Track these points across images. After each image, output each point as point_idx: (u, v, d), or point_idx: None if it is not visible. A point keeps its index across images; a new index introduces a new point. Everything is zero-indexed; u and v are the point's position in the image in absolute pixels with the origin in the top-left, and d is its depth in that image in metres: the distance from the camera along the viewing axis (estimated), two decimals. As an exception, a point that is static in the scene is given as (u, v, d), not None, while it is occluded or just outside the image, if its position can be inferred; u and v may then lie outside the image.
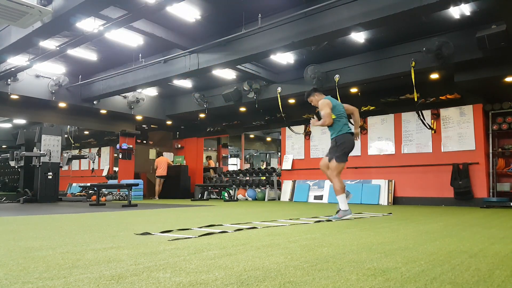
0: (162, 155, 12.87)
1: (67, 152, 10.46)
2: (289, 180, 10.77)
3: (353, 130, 4.69)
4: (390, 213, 5.57)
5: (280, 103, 9.82)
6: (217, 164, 14.84)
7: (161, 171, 12.38)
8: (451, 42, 6.93)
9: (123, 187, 9.14)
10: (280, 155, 12.11)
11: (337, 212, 4.41)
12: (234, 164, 17.67)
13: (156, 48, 8.37)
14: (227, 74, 9.70)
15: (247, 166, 17.03)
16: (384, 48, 8.02)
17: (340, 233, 3.08)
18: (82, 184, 10.70)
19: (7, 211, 6.04)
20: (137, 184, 8.53)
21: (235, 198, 11.08)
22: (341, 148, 4.51)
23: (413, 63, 7.44)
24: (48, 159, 9.27)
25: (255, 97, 10.12)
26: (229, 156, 17.15)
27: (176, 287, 1.37)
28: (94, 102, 10.91)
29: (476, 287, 1.42)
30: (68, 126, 13.27)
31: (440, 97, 8.55)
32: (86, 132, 14.73)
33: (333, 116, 4.55)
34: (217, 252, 2.11)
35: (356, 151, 9.78)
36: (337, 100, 4.81)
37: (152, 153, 13.79)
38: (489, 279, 1.53)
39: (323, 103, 4.56)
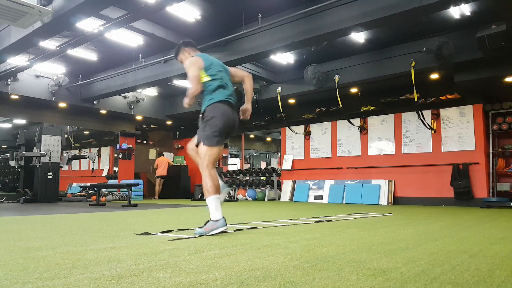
0: (163, 155, 12.87)
1: (67, 152, 10.46)
2: (289, 180, 10.76)
3: (233, 99, 3.22)
4: (390, 213, 5.57)
5: (280, 103, 9.83)
6: (217, 164, 14.84)
7: (161, 171, 12.38)
8: (451, 42, 6.93)
9: (123, 187, 9.14)
10: (280, 155, 12.11)
11: (206, 223, 2.92)
12: (234, 164, 17.67)
13: (156, 48, 8.37)
14: (227, 74, 9.69)
15: (247, 166, 17.03)
16: (384, 48, 8.02)
17: (340, 233, 3.08)
18: (82, 184, 10.69)
19: (7, 211, 6.04)
20: (137, 184, 8.52)
21: (235, 198, 11.08)
22: (211, 125, 3.02)
23: (413, 63, 7.45)
24: (48, 159, 9.26)
25: (255, 97, 10.12)
26: (229, 156, 17.15)
27: (176, 287, 1.37)
28: (94, 102, 10.91)
29: (476, 287, 1.42)
30: (68, 126, 13.28)
31: (440, 97, 8.55)
32: (86, 132, 14.74)
33: (205, 78, 3.11)
34: (217, 252, 2.11)
35: (356, 151, 9.80)
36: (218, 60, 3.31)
37: (152, 153, 13.79)
38: (489, 279, 1.53)
39: (190, 63, 3.13)
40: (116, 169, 13.38)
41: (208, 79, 3.11)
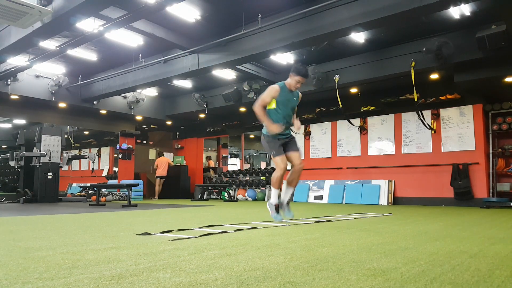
0: (163, 155, 12.87)
1: (67, 152, 10.45)
2: (289, 180, 10.74)
3: None
4: (390, 213, 5.57)
5: (280, 103, 9.80)
6: (217, 164, 14.84)
7: (161, 171, 12.38)
8: (451, 42, 6.93)
9: (123, 187, 9.13)
10: (280, 155, 12.06)
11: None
12: (234, 164, 17.66)
13: (156, 48, 8.37)
14: (227, 74, 9.70)
15: (247, 166, 17.03)
16: (384, 48, 8.02)
17: (340, 233, 3.08)
18: (82, 184, 10.70)
19: (7, 211, 6.04)
20: (137, 184, 8.52)
21: (235, 198, 11.08)
22: None
23: (413, 63, 7.45)
24: (48, 159, 9.26)
25: (255, 97, 10.11)
26: (229, 156, 17.14)
27: (176, 287, 1.37)
28: (94, 102, 10.91)
29: (476, 287, 1.41)
30: (68, 126, 13.27)
31: (440, 97, 8.55)
32: (86, 132, 14.73)
33: None
34: (217, 252, 2.11)
35: (356, 151, 9.80)
36: None
37: (152, 153, 13.79)
38: (489, 279, 1.53)
39: None
40: (116, 169, 13.37)
41: None
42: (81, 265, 1.75)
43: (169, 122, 13.40)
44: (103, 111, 11.59)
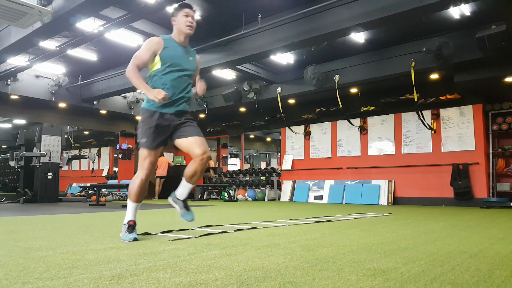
0: (163, 155, 12.87)
1: (67, 152, 10.45)
2: (289, 180, 10.76)
3: None
4: (390, 213, 5.57)
5: (280, 103, 9.82)
6: (217, 164, 14.84)
7: (161, 171, 12.37)
8: (451, 42, 6.93)
9: (123, 187, 9.13)
10: (280, 155, 12.09)
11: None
12: (234, 164, 17.67)
13: (156, 48, 8.36)
14: (227, 74, 9.70)
15: (247, 166, 17.05)
16: (384, 48, 8.02)
17: (340, 233, 3.08)
18: (82, 184, 10.71)
19: (7, 211, 6.04)
20: (137, 184, 8.50)
21: (235, 198, 11.07)
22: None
23: (413, 63, 7.44)
24: (48, 159, 9.26)
25: (255, 97, 10.12)
26: (229, 156, 17.14)
27: (176, 287, 1.37)
28: (94, 102, 10.92)
29: (476, 287, 1.41)
30: (68, 127, 13.29)
31: (440, 97, 8.55)
32: (86, 132, 14.75)
33: None
34: (217, 252, 2.11)
35: (356, 151, 9.80)
36: None
37: (152, 153, 13.76)
38: (489, 279, 1.53)
39: None
40: (116, 169, 13.38)
41: None
42: (81, 265, 1.75)
43: (169, 122, 13.39)
44: (103, 111, 11.59)
